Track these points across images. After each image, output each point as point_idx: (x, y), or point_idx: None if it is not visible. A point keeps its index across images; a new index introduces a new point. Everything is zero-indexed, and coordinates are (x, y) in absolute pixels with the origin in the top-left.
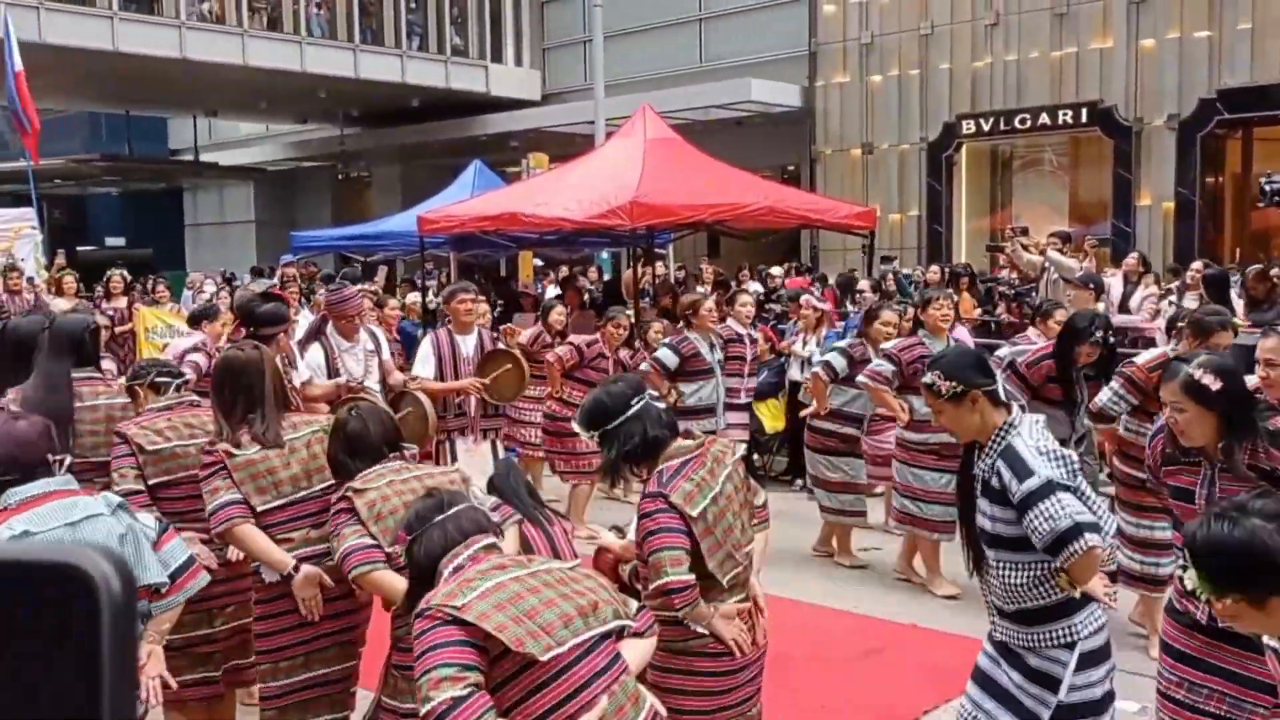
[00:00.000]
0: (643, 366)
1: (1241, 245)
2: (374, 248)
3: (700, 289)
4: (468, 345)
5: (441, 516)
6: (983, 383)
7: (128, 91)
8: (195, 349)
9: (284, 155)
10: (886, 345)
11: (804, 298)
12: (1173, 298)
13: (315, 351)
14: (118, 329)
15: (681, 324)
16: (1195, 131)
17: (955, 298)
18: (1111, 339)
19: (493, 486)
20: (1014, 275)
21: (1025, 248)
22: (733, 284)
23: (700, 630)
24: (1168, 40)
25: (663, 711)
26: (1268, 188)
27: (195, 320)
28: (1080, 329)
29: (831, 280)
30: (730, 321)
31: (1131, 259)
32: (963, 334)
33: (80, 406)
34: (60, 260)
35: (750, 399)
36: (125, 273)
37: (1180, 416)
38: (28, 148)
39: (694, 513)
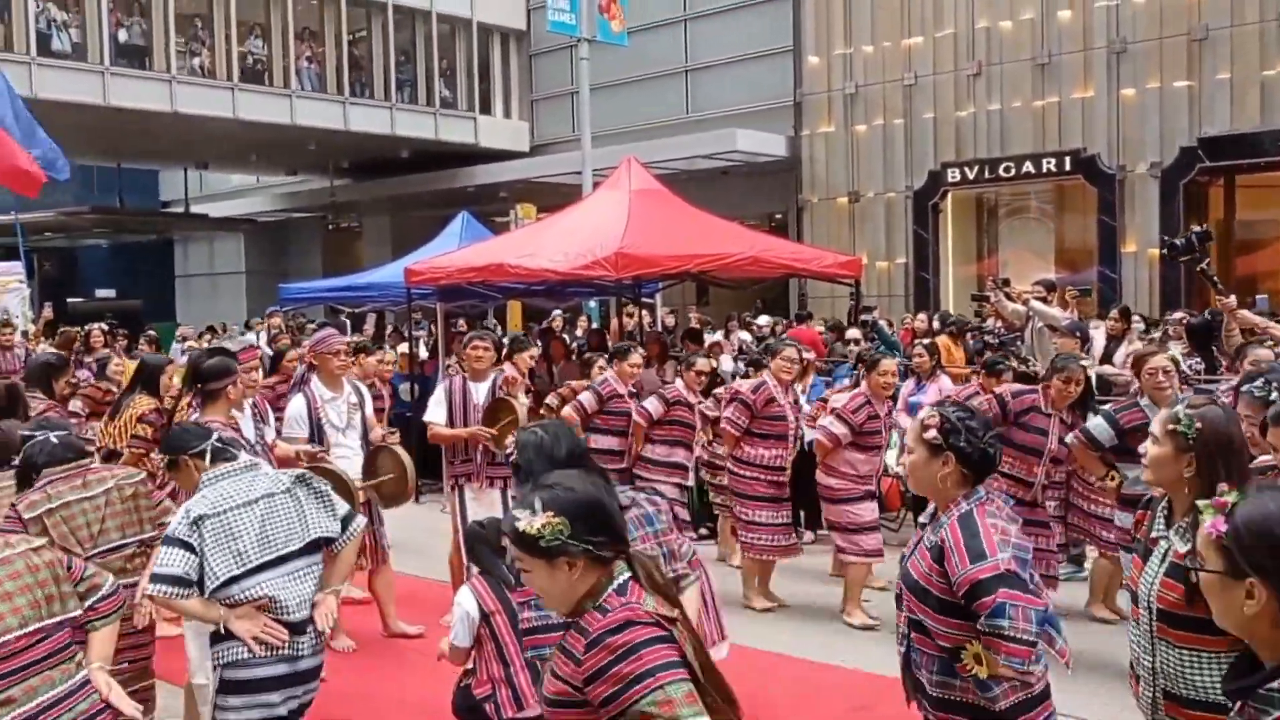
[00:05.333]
0: None
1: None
2: (362, 299)
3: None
4: (480, 392)
5: None
6: None
7: (119, 145)
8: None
9: (274, 206)
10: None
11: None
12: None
13: (297, 402)
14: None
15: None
16: (1177, 179)
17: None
18: None
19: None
20: (999, 324)
21: (1009, 297)
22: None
23: None
24: (1148, 90)
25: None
26: (1177, 243)
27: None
28: None
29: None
30: (678, 383)
31: (1113, 317)
32: (945, 384)
33: None
34: (47, 314)
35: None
36: (104, 326)
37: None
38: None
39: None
